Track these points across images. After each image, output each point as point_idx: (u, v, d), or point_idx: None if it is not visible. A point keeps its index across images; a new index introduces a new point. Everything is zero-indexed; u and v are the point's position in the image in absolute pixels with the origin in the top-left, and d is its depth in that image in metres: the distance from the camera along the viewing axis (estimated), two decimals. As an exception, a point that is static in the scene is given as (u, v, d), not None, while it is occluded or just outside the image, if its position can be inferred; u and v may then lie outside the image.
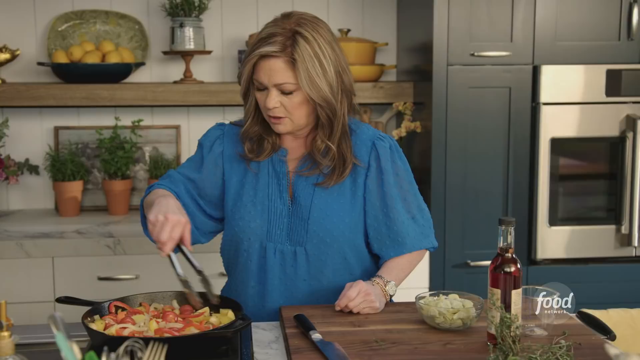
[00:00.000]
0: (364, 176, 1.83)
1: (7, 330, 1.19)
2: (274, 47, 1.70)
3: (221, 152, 1.89)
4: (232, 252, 1.91)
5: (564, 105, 2.87)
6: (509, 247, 1.51)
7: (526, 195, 2.93)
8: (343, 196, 1.83)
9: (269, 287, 1.85)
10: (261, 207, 1.84)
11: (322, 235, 1.81)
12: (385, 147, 1.84)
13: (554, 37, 2.87)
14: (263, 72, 1.72)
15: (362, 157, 1.83)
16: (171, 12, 3.13)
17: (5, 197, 3.29)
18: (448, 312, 1.60)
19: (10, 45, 3.20)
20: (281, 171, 1.85)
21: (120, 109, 3.28)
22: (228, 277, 1.99)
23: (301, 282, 1.84)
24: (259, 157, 1.86)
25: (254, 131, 1.85)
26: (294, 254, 1.83)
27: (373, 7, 3.40)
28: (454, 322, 1.60)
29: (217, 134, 1.92)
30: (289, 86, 1.72)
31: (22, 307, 2.73)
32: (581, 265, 2.96)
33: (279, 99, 1.73)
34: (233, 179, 1.88)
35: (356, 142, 1.84)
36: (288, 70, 1.71)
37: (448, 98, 2.86)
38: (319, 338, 1.53)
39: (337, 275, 1.86)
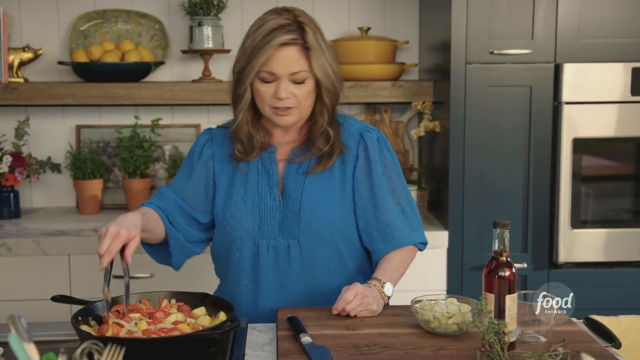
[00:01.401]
0: (352, 167, 1.84)
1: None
2: (291, 35, 1.72)
3: (211, 154, 1.90)
4: (223, 252, 1.90)
5: (587, 104, 2.78)
6: (503, 251, 1.46)
7: (547, 197, 2.86)
8: (333, 187, 1.83)
9: (263, 284, 1.84)
10: (252, 204, 1.84)
11: (315, 226, 1.81)
12: (373, 138, 1.86)
13: (577, 35, 2.79)
14: (278, 61, 1.72)
15: (350, 148, 1.84)
16: (190, 11, 3.13)
17: (28, 195, 3.33)
18: (443, 317, 1.56)
19: (33, 44, 3.24)
20: (271, 167, 1.85)
21: (141, 108, 3.29)
22: (220, 281, 1.99)
23: (295, 275, 1.83)
24: (249, 156, 1.86)
25: (244, 131, 1.84)
26: (287, 247, 1.82)
27: (395, 5, 3.35)
28: (449, 327, 1.55)
29: (206, 139, 1.93)
30: (303, 74, 1.74)
31: (39, 305, 2.75)
32: (606, 269, 2.87)
33: (291, 89, 1.74)
34: (223, 179, 1.88)
35: (344, 134, 1.86)
36: (302, 58, 1.73)
37: (467, 97, 2.81)
38: (308, 341, 1.51)
39: (331, 269, 1.85)
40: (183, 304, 1.69)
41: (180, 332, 1.49)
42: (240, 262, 1.85)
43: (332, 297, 1.83)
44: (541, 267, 2.88)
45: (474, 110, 2.81)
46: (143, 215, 1.77)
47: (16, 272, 2.74)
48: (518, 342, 1.48)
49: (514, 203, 2.86)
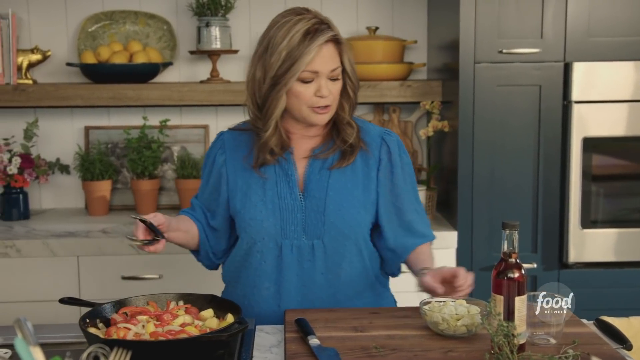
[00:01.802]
0: (375, 170, 1.86)
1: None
2: (328, 32, 1.74)
3: (224, 160, 1.90)
4: (240, 256, 1.89)
5: (597, 103, 2.77)
6: (512, 252, 1.44)
7: (557, 197, 2.84)
8: (356, 188, 1.84)
9: (286, 285, 1.83)
10: (272, 205, 1.82)
11: (340, 226, 1.81)
12: (394, 141, 1.89)
13: (587, 33, 2.77)
14: (320, 60, 1.73)
15: (372, 151, 1.86)
16: (198, 12, 3.13)
17: (37, 196, 3.33)
18: (452, 319, 1.54)
19: (41, 46, 3.24)
20: (289, 167, 1.84)
21: (150, 109, 3.29)
22: (228, 286, 1.99)
23: (319, 276, 1.83)
24: (271, 162, 1.84)
25: (274, 141, 1.82)
26: (311, 247, 1.82)
27: (403, 5, 3.34)
28: (458, 329, 1.54)
29: (218, 145, 1.93)
30: (339, 70, 1.78)
31: (48, 306, 2.75)
32: (616, 269, 2.85)
33: (329, 87, 1.77)
34: (238, 182, 1.87)
35: (365, 138, 1.87)
36: (336, 54, 1.77)
37: (475, 96, 2.79)
38: (316, 343, 1.50)
39: (354, 269, 1.85)
40: (191, 306, 1.69)
41: (188, 335, 1.48)
42: (261, 264, 1.84)
43: (354, 298, 1.84)
44: (551, 268, 2.86)
45: (483, 109, 2.80)
46: (176, 218, 1.87)
47: (25, 273, 2.75)
48: (527, 344, 1.47)
49: (523, 203, 2.85)
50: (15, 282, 2.75)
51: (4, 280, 2.74)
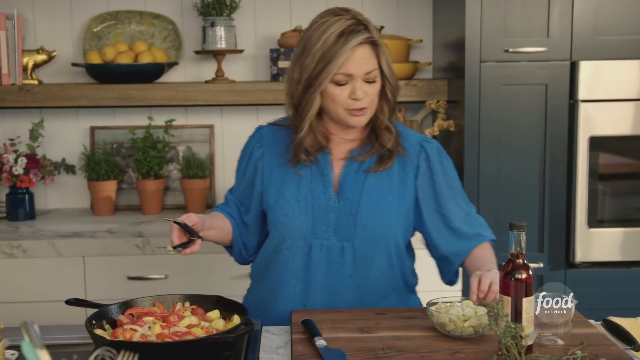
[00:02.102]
0: (413, 177, 1.84)
1: (-4, 335, 1.17)
2: (363, 34, 1.72)
3: (261, 154, 1.90)
4: (269, 252, 1.89)
5: (604, 102, 2.75)
6: (520, 253, 1.44)
7: (564, 196, 2.83)
8: (391, 193, 1.82)
9: (313, 285, 1.83)
10: (305, 203, 1.82)
11: (372, 230, 1.80)
12: (434, 148, 1.88)
13: (593, 32, 2.75)
14: (354, 62, 1.72)
15: (411, 157, 1.85)
16: (203, 12, 3.13)
17: (43, 196, 3.33)
18: (459, 320, 1.54)
19: (47, 46, 3.24)
20: (325, 167, 1.84)
21: (155, 109, 3.29)
22: (254, 283, 1.98)
23: (347, 278, 1.82)
24: (307, 158, 1.84)
25: (309, 141, 1.82)
26: (340, 249, 1.81)
27: (409, 4, 3.33)
28: (465, 330, 1.54)
29: (256, 139, 1.93)
30: (375, 72, 1.75)
31: (54, 306, 2.75)
32: (623, 268, 2.84)
33: (365, 89, 1.75)
34: (273, 177, 1.86)
35: (404, 143, 1.85)
36: (373, 56, 1.74)
37: (481, 96, 2.78)
38: (323, 345, 1.49)
39: (382, 273, 1.84)
40: (197, 307, 1.69)
41: (194, 336, 1.48)
42: (289, 261, 1.84)
43: (381, 301, 1.84)
44: (558, 267, 2.85)
45: (488, 109, 2.79)
46: (210, 216, 1.88)
47: (31, 273, 2.75)
48: (535, 345, 1.47)
49: (530, 202, 2.84)
50: (21, 283, 2.75)
51: (10, 280, 2.74)
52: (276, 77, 3.18)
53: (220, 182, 3.37)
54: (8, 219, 3.10)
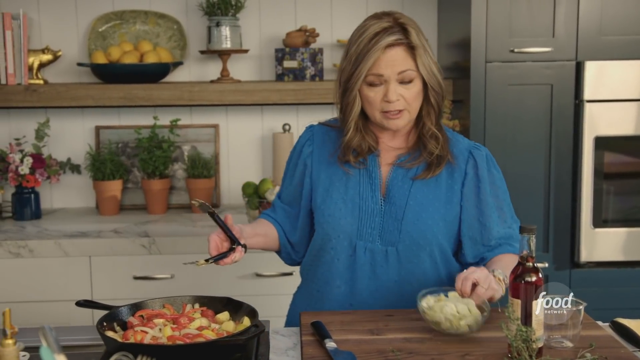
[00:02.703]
0: (460, 184, 1.82)
1: (11, 338, 1.18)
2: (396, 35, 1.71)
3: (310, 152, 1.90)
4: (315, 250, 1.89)
5: (609, 102, 2.76)
6: (530, 256, 1.44)
7: (569, 196, 2.84)
8: (438, 199, 1.81)
9: (359, 287, 1.82)
10: (352, 204, 1.82)
11: (416, 236, 1.79)
12: (482, 155, 1.84)
13: (599, 32, 2.76)
14: (385, 63, 1.72)
15: (459, 164, 1.83)
16: (208, 12, 3.13)
17: (49, 195, 3.34)
18: (454, 318, 1.55)
19: (52, 46, 3.25)
20: (374, 170, 1.84)
21: (160, 109, 3.29)
22: (304, 281, 1.97)
23: (392, 283, 1.82)
24: (356, 158, 1.84)
25: (356, 141, 1.83)
26: (385, 253, 1.80)
27: (413, 4, 3.33)
28: (461, 328, 1.55)
29: (307, 137, 1.94)
30: (411, 73, 1.73)
31: (60, 306, 2.77)
32: (629, 268, 2.85)
33: (399, 91, 1.74)
34: (321, 175, 1.87)
35: (453, 150, 1.84)
36: (408, 57, 1.73)
37: (487, 96, 2.79)
38: (333, 347, 1.50)
39: (427, 279, 1.82)
40: (206, 309, 1.69)
41: (205, 339, 1.49)
42: (334, 261, 1.84)
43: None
44: (563, 267, 2.86)
45: (494, 109, 2.80)
46: (252, 224, 1.90)
47: (38, 273, 2.75)
48: (544, 347, 1.47)
49: (535, 202, 2.84)
50: (28, 283, 2.75)
51: (17, 280, 2.75)
52: (281, 77, 3.18)
53: (225, 182, 3.38)
54: (14, 219, 3.11)
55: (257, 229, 1.89)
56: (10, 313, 1.20)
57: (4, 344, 1.19)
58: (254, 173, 3.36)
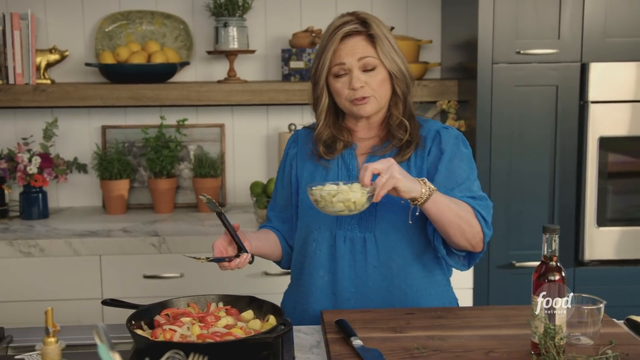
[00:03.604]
0: (426, 162, 1.87)
1: (53, 336, 1.20)
2: (353, 25, 1.82)
3: (295, 153, 2.00)
4: (300, 245, 1.95)
5: (614, 103, 2.81)
6: (553, 255, 1.48)
7: (573, 196, 2.88)
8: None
9: (339, 275, 1.87)
10: None
11: (392, 220, 1.83)
12: (450, 134, 1.89)
13: (603, 34, 2.80)
14: (345, 52, 1.81)
15: (426, 144, 1.88)
16: (215, 12, 3.15)
17: (55, 195, 3.35)
18: (328, 195, 1.61)
19: (59, 46, 3.26)
20: (350, 162, 1.91)
21: (165, 108, 3.31)
22: (293, 281, 2.01)
23: (372, 268, 1.86)
24: (331, 154, 1.92)
25: (327, 134, 1.92)
26: (363, 240, 1.86)
27: (417, 4, 3.37)
28: (335, 206, 1.61)
29: (292, 140, 2.04)
30: (372, 60, 1.81)
31: (71, 305, 2.78)
32: (632, 267, 2.89)
33: (363, 78, 1.81)
34: (304, 173, 1.95)
35: (422, 134, 1.90)
36: (368, 46, 1.82)
37: (493, 96, 2.83)
38: (360, 344, 1.53)
39: (407, 262, 1.86)
40: (230, 307, 1.72)
41: (235, 337, 1.51)
42: (316, 253, 1.89)
43: (408, 291, 1.86)
44: (567, 265, 2.90)
45: (500, 109, 2.84)
46: (253, 232, 1.94)
47: (48, 272, 2.77)
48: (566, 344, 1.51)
49: (540, 202, 2.89)
50: (39, 282, 2.77)
51: (28, 279, 2.76)
52: (288, 77, 3.21)
53: (230, 181, 3.40)
54: (21, 218, 3.12)
55: (259, 234, 1.96)
56: (52, 312, 1.22)
57: (46, 342, 1.21)
58: (259, 172, 3.39)
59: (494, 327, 1.66)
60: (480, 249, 1.82)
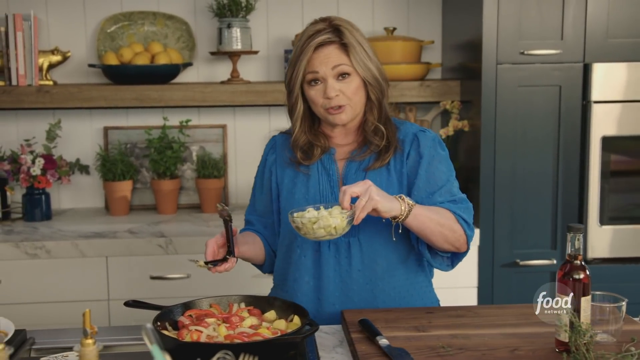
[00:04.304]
0: (405, 165, 1.88)
1: (91, 338, 1.21)
2: (326, 35, 1.82)
3: (274, 160, 2.00)
4: (284, 251, 1.96)
5: (616, 103, 2.84)
6: (577, 254, 1.50)
7: (576, 195, 2.91)
8: (391, 186, 1.87)
9: (325, 280, 1.88)
10: (313, 202, 1.89)
11: (373, 223, 1.84)
12: (427, 137, 1.91)
13: (606, 35, 2.84)
14: (319, 61, 1.82)
15: (404, 148, 1.90)
16: (218, 13, 3.15)
17: (57, 196, 3.34)
18: (309, 222, 1.63)
19: (61, 47, 3.25)
20: (330, 168, 1.92)
21: (168, 109, 3.31)
22: (276, 285, 2.03)
23: (356, 272, 1.87)
24: (309, 161, 1.93)
25: (303, 140, 1.93)
26: (347, 245, 1.87)
27: (418, 5, 3.39)
28: (317, 232, 1.63)
29: (270, 146, 2.05)
30: (346, 68, 1.81)
31: (77, 307, 2.78)
32: (634, 264, 2.93)
33: (338, 87, 1.81)
34: (285, 180, 1.96)
35: (400, 137, 1.91)
36: (342, 54, 1.82)
37: (497, 97, 2.85)
38: (386, 344, 1.54)
39: (391, 265, 1.88)
40: (253, 308, 1.73)
41: (262, 337, 1.52)
42: (301, 258, 1.90)
43: (392, 293, 1.88)
44: (570, 263, 2.93)
45: (504, 109, 2.86)
46: (240, 235, 1.94)
47: (55, 274, 2.76)
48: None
49: (543, 200, 2.92)
50: (45, 283, 2.76)
51: (34, 281, 2.75)
52: (291, 78, 3.21)
53: (232, 182, 3.40)
54: (24, 220, 3.11)
55: (247, 238, 1.97)
56: (90, 313, 1.22)
57: (84, 343, 1.22)
58: (262, 173, 3.39)
59: (515, 325, 1.68)
60: (464, 249, 1.86)
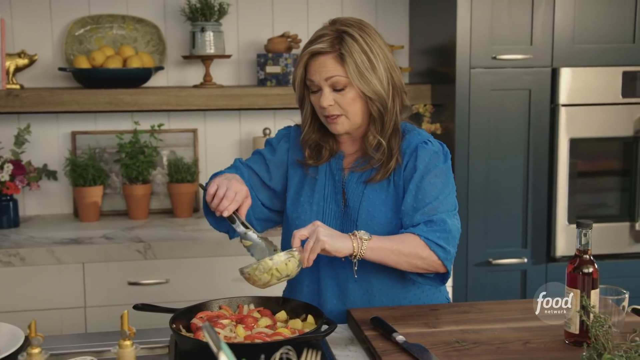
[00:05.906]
0: (402, 178, 1.85)
1: (129, 339, 1.20)
2: (322, 44, 1.78)
3: (287, 149, 1.97)
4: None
5: (582, 106, 2.95)
6: (587, 249, 1.56)
7: (545, 194, 3.01)
8: (390, 199, 1.86)
9: (323, 287, 1.90)
10: (317, 207, 1.90)
11: (372, 230, 1.82)
12: (427, 150, 1.84)
13: (572, 41, 2.95)
14: (314, 69, 1.80)
15: (404, 161, 1.86)
16: (191, 17, 3.14)
17: (22, 202, 3.26)
18: (252, 270, 1.65)
19: (27, 50, 3.18)
20: (337, 174, 1.91)
21: (137, 114, 3.28)
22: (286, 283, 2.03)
23: (352, 282, 1.88)
24: (317, 162, 1.92)
25: (312, 138, 1.92)
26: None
27: (386, 11, 3.44)
28: (262, 277, 1.65)
29: (284, 133, 2.01)
30: (340, 79, 1.77)
31: (54, 314, 2.72)
32: (599, 261, 3.02)
33: (332, 97, 1.79)
34: (294, 179, 1.95)
35: (402, 146, 1.88)
36: (338, 65, 1.77)
37: (471, 100, 2.93)
38: (403, 340, 1.57)
39: (386, 275, 1.89)
40: (263, 309, 1.74)
41: (283, 337, 1.53)
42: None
43: (389, 303, 1.89)
44: (540, 262, 3.03)
45: (477, 113, 2.94)
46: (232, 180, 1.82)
47: (29, 281, 2.70)
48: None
49: (514, 201, 3.00)
50: (20, 291, 2.69)
51: (9, 289, 2.68)
52: (264, 82, 3.23)
53: (203, 186, 3.38)
54: (-9, 227, 3.03)
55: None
56: (127, 315, 1.22)
57: (122, 345, 1.21)
58: (233, 177, 3.38)
59: (520, 319, 1.74)
60: (443, 271, 1.79)
